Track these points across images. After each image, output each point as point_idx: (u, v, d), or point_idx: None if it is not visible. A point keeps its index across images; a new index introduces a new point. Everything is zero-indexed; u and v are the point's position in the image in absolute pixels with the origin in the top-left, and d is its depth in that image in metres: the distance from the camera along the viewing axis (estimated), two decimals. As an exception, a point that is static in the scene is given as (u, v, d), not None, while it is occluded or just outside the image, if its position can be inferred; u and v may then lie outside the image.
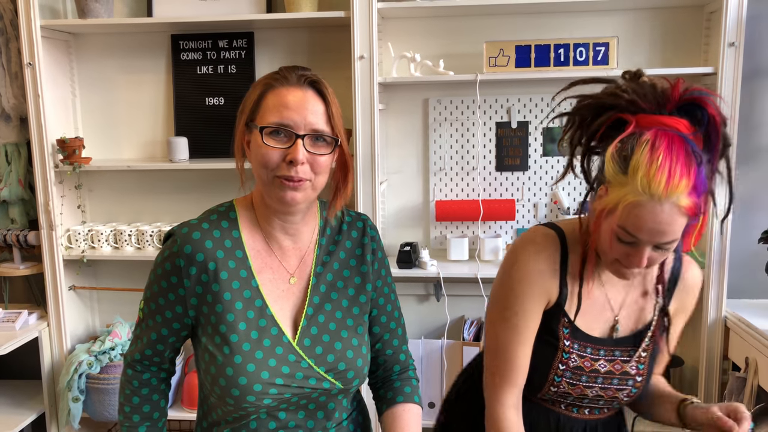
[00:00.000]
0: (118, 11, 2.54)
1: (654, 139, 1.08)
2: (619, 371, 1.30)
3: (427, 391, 2.46)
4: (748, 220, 2.41)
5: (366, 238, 1.25)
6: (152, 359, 1.20)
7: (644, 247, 1.12)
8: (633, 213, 1.08)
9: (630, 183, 1.08)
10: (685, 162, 1.06)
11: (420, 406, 1.30)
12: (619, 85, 1.16)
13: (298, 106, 1.09)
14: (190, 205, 2.63)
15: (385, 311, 1.28)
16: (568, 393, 1.30)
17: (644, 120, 1.12)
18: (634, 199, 1.08)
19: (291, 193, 1.10)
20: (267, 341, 1.12)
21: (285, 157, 1.08)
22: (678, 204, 1.07)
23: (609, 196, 1.12)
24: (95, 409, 2.45)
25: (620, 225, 1.11)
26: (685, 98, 1.12)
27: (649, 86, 1.14)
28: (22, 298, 2.77)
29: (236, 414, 1.13)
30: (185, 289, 1.12)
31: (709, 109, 1.11)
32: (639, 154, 1.07)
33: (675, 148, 1.07)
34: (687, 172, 1.06)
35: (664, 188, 1.05)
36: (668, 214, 1.07)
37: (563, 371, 1.28)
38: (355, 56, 2.23)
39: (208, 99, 2.55)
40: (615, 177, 1.10)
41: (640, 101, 1.12)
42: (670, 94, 1.12)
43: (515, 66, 2.25)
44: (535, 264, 1.25)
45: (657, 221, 1.08)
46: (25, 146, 2.55)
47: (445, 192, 2.54)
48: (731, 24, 2.11)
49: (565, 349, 1.27)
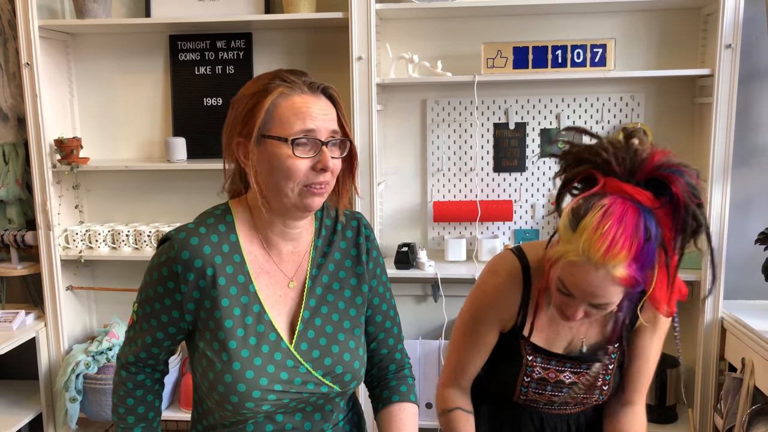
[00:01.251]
0: (116, 11, 2.54)
1: (609, 205, 1.10)
2: (586, 383, 1.36)
3: (424, 391, 2.46)
4: (744, 222, 2.41)
5: (361, 237, 1.25)
6: (146, 361, 1.19)
7: (579, 302, 1.18)
8: (570, 271, 1.14)
9: (574, 242, 1.11)
10: (631, 235, 1.08)
11: (416, 405, 1.30)
12: (602, 144, 1.19)
13: (319, 114, 1.09)
14: (188, 205, 2.63)
15: (380, 310, 1.28)
16: (537, 400, 1.39)
17: (611, 184, 1.14)
18: (574, 259, 1.12)
19: (318, 199, 1.11)
20: (265, 347, 1.12)
21: (314, 166, 1.08)
22: (613, 273, 1.09)
23: (557, 248, 1.16)
24: (92, 410, 2.45)
25: (560, 278, 1.17)
26: (656, 173, 1.13)
27: (632, 151, 1.16)
28: (19, 298, 2.77)
29: (233, 419, 1.13)
30: (182, 294, 1.11)
31: (674, 188, 1.11)
32: (590, 217, 1.10)
33: (626, 220, 1.09)
34: (629, 245, 1.08)
35: (602, 256, 1.08)
36: (601, 279, 1.11)
37: (528, 382, 1.37)
38: (353, 57, 2.23)
39: (206, 99, 2.55)
40: (565, 232, 1.14)
41: (613, 164, 1.15)
42: (646, 164, 1.14)
43: (513, 67, 2.25)
44: (494, 296, 1.35)
45: (590, 284, 1.12)
46: (23, 146, 2.55)
47: (442, 193, 2.54)
48: (728, 26, 2.11)
49: (528, 363, 1.35)
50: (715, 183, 2.18)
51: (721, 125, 2.15)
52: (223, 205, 1.20)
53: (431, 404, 2.47)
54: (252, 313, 1.12)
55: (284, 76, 1.11)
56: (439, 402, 1.45)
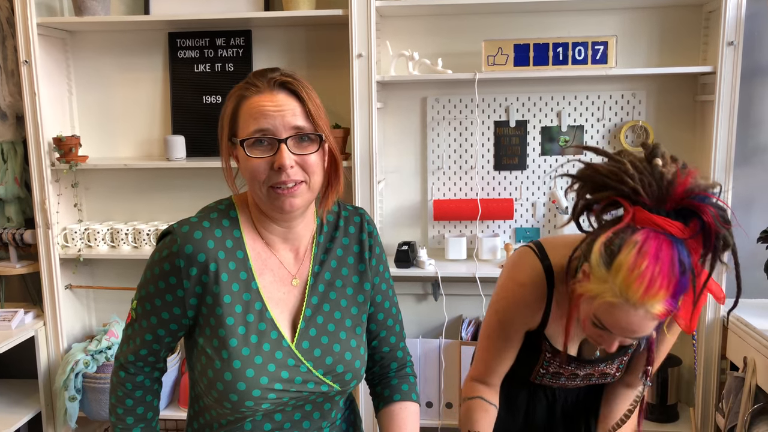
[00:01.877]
0: (115, 9, 2.52)
1: (643, 242, 1.07)
2: (599, 372, 1.40)
3: (425, 390, 2.45)
4: (746, 220, 2.40)
5: (364, 234, 1.23)
6: (147, 359, 1.17)
7: (615, 337, 1.17)
8: (608, 311, 1.12)
9: (610, 281, 1.09)
10: (668, 273, 1.06)
11: (417, 404, 1.29)
12: (626, 169, 1.14)
13: (274, 111, 1.06)
14: (187, 203, 2.62)
15: (382, 308, 1.26)
16: (550, 384, 1.44)
17: (641, 215, 1.11)
18: (611, 300, 1.10)
19: (289, 200, 1.07)
20: (266, 345, 1.10)
21: (272, 165, 1.06)
22: (651, 311, 1.09)
23: (589, 285, 1.14)
24: (92, 409, 2.44)
25: (596, 316, 1.15)
26: (685, 202, 1.11)
27: (658, 175, 1.13)
28: (18, 297, 2.76)
29: (231, 417, 1.12)
30: (184, 290, 1.09)
31: (705, 218, 1.10)
32: (625, 254, 1.07)
33: (661, 256, 1.06)
34: (667, 284, 1.06)
35: (641, 297, 1.07)
36: (641, 318, 1.10)
37: (544, 373, 1.40)
38: (353, 54, 2.22)
39: (205, 97, 2.54)
40: (598, 269, 1.11)
41: (642, 193, 1.12)
42: (674, 191, 1.11)
43: (514, 65, 2.24)
44: (521, 306, 1.33)
45: (629, 322, 1.11)
46: (22, 144, 2.54)
47: (443, 191, 2.53)
48: (730, 23, 2.10)
49: (546, 358, 1.37)
50: (717, 181, 2.17)
51: (723, 123, 2.14)
52: (227, 200, 1.18)
53: (432, 403, 2.46)
54: (254, 310, 1.11)
55: (251, 78, 1.10)
56: (463, 391, 1.46)
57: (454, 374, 2.42)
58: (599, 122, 2.42)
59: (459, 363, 2.39)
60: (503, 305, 1.35)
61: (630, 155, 1.18)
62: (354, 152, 2.28)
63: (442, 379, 2.43)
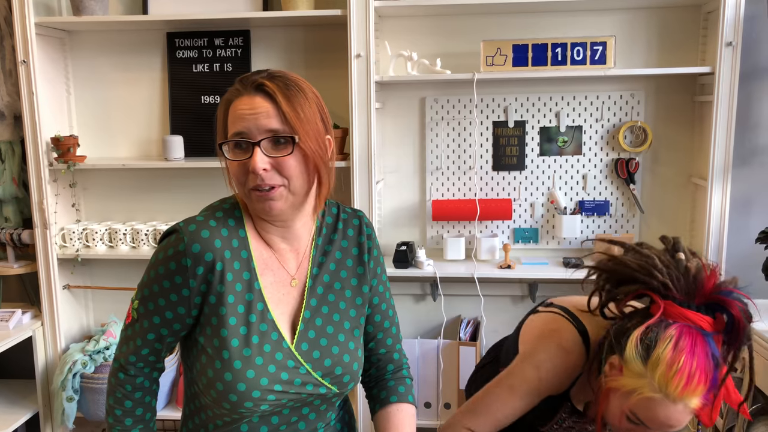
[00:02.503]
0: (113, 8, 2.52)
1: (678, 337, 1.10)
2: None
3: (423, 391, 2.45)
4: (745, 221, 2.40)
5: (362, 236, 1.23)
6: (147, 359, 1.16)
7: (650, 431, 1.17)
8: (646, 406, 1.12)
9: (648, 376, 1.11)
10: (705, 368, 1.09)
11: (414, 406, 1.29)
12: (655, 263, 1.17)
13: (249, 114, 1.05)
14: (186, 203, 2.62)
15: (379, 310, 1.26)
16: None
17: (671, 309, 1.14)
18: (650, 395, 1.11)
19: (269, 203, 1.07)
20: (267, 346, 1.10)
21: (247, 168, 1.06)
22: (690, 405, 1.10)
23: (624, 380, 1.14)
24: (89, 409, 2.44)
25: (632, 411, 1.15)
26: (713, 296, 1.14)
27: (683, 269, 1.16)
28: (15, 297, 2.75)
29: (228, 418, 1.11)
30: (190, 289, 1.08)
31: (735, 313, 1.13)
32: (661, 349, 1.10)
33: (697, 351, 1.09)
34: (705, 378, 1.09)
35: (681, 392, 1.08)
36: (680, 413, 1.11)
37: (557, 429, 1.39)
38: (352, 55, 2.22)
39: (203, 97, 2.54)
40: (634, 363, 1.13)
41: (672, 287, 1.15)
42: (702, 286, 1.14)
43: (512, 65, 2.24)
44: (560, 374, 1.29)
45: (668, 417, 1.12)
46: (19, 144, 2.54)
47: (441, 191, 2.53)
48: (729, 24, 2.10)
49: (561, 417, 1.36)
50: (715, 182, 2.17)
51: (721, 123, 2.14)
52: (231, 199, 1.18)
53: (430, 404, 2.46)
54: (255, 311, 1.11)
55: (237, 82, 1.10)
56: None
57: (453, 375, 2.41)
58: (598, 122, 2.42)
59: (457, 363, 2.39)
60: (547, 367, 1.29)
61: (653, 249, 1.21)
62: (353, 152, 2.27)
63: (441, 380, 2.43)
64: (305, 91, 1.09)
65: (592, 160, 2.45)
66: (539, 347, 1.32)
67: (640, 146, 2.39)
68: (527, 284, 2.51)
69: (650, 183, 2.44)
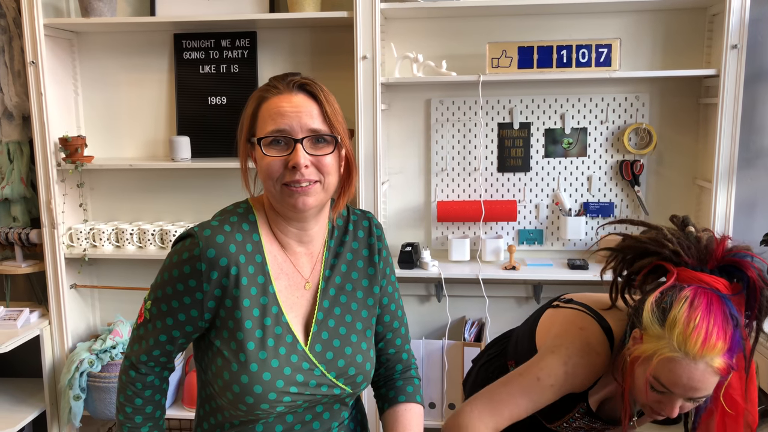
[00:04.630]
0: (121, 10, 2.54)
1: (693, 296, 1.10)
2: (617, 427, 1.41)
3: (428, 391, 2.46)
4: (749, 223, 2.40)
5: (372, 238, 1.25)
6: (159, 359, 1.17)
7: (676, 399, 1.15)
8: (667, 367, 1.12)
9: (666, 337, 1.11)
10: (722, 324, 1.09)
11: (422, 406, 1.30)
12: (665, 234, 1.20)
13: (291, 112, 1.08)
14: (192, 204, 2.64)
15: (389, 310, 1.28)
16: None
17: (685, 274, 1.15)
18: (670, 355, 1.11)
19: (302, 199, 1.09)
20: (282, 349, 1.11)
21: (287, 164, 1.08)
22: (712, 364, 1.09)
23: (644, 345, 1.14)
24: (96, 408, 2.45)
25: (654, 376, 1.14)
26: (727, 259, 1.15)
27: (694, 239, 1.18)
28: (23, 296, 2.77)
29: (244, 418, 1.13)
30: (203, 293, 1.09)
31: (749, 273, 1.14)
32: (677, 309, 1.10)
33: (713, 309, 1.09)
34: (723, 335, 1.09)
35: (700, 348, 1.08)
36: (702, 372, 1.10)
37: (566, 428, 1.38)
38: (358, 56, 2.23)
39: (210, 98, 2.55)
40: (652, 327, 1.13)
41: (683, 254, 1.16)
42: (713, 251, 1.16)
43: (518, 67, 2.25)
44: (584, 374, 1.28)
45: (691, 378, 1.10)
46: (28, 144, 2.56)
47: (446, 193, 2.54)
48: (734, 26, 2.11)
49: (572, 416, 1.36)
50: (720, 184, 2.17)
51: (726, 126, 2.15)
52: (244, 203, 1.20)
53: (435, 404, 2.47)
54: (270, 314, 1.12)
55: (272, 81, 1.13)
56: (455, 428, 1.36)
57: (457, 375, 2.42)
58: (603, 125, 2.42)
59: (462, 364, 2.39)
60: (575, 363, 1.27)
61: (663, 226, 1.22)
62: (358, 154, 2.29)
63: (445, 380, 2.44)
64: (332, 97, 1.14)
65: (597, 161, 2.45)
66: (567, 343, 1.30)
67: (645, 148, 2.39)
68: (532, 285, 2.51)
69: (655, 185, 2.44)
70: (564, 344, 1.30)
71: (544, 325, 1.41)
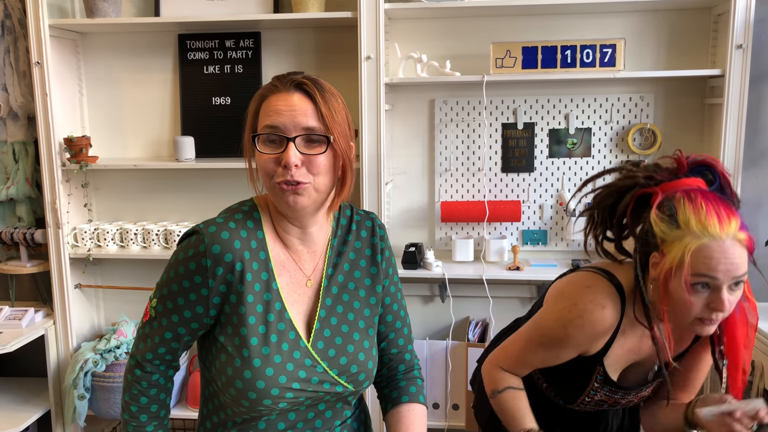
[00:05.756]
0: (126, 11, 2.55)
1: (687, 195, 1.17)
2: (638, 397, 1.42)
3: (431, 392, 2.46)
4: (754, 223, 2.40)
5: (375, 238, 1.25)
6: (164, 357, 1.18)
7: (722, 286, 1.16)
8: (702, 256, 1.14)
9: (687, 233, 1.15)
10: (725, 205, 1.16)
11: (425, 406, 1.30)
12: (629, 168, 1.27)
13: (286, 110, 1.09)
14: (196, 204, 2.64)
15: (391, 310, 1.28)
16: (589, 409, 1.44)
17: (666, 187, 1.21)
18: (699, 243, 1.14)
19: (293, 197, 1.09)
20: (285, 345, 1.12)
21: (280, 162, 1.08)
22: (737, 238, 1.14)
23: (670, 255, 1.16)
24: (100, 407, 2.46)
25: (694, 273, 1.15)
26: (693, 162, 1.24)
27: (654, 164, 1.26)
28: (28, 296, 2.78)
29: (247, 415, 1.13)
30: (209, 289, 1.10)
31: (718, 167, 1.23)
32: (683, 207, 1.16)
33: (710, 197, 1.16)
34: (732, 212, 1.15)
35: (720, 228, 1.13)
36: (732, 247, 1.14)
37: (588, 402, 1.39)
38: (362, 57, 2.23)
39: (214, 99, 2.56)
40: (669, 234, 1.17)
41: (655, 175, 1.23)
42: (678, 161, 1.24)
43: (522, 67, 2.25)
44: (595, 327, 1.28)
45: (726, 254, 1.14)
46: (33, 145, 2.56)
47: (450, 193, 2.54)
48: (739, 26, 2.10)
49: (594, 388, 1.37)
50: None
51: (731, 126, 2.14)
52: (249, 201, 1.21)
53: (438, 404, 2.47)
54: (274, 310, 1.13)
55: (273, 80, 1.14)
56: (488, 382, 1.44)
57: (461, 376, 2.42)
58: (607, 125, 2.42)
59: (466, 365, 2.39)
60: (573, 321, 1.28)
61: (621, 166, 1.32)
62: (362, 154, 2.29)
63: (449, 381, 2.44)
64: (336, 96, 1.14)
65: (602, 162, 2.45)
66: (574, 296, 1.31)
67: (650, 148, 2.39)
68: (536, 286, 2.51)
69: (659, 185, 2.43)
70: (570, 297, 1.31)
71: (551, 293, 1.41)
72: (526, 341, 1.38)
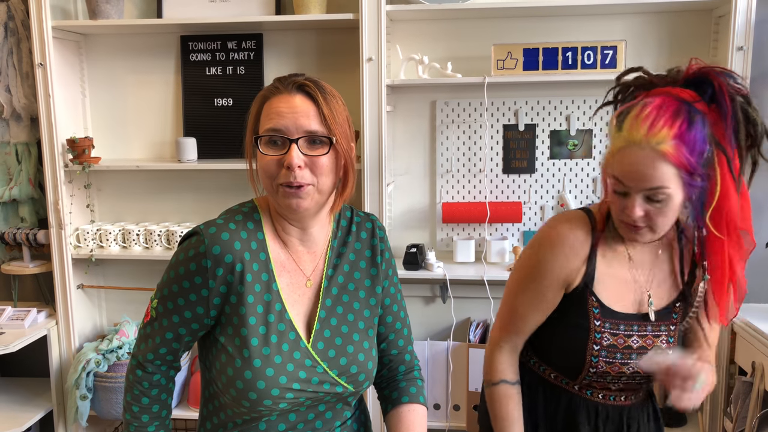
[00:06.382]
0: (128, 12, 2.56)
1: (649, 98, 1.17)
2: (651, 346, 1.35)
3: (432, 392, 2.46)
4: (756, 225, 2.39)
5: (375, 239, 1.26)
6: (165, 358, 1.19)
7: (634, 195, 1.18)
8: (618, 159, 1.17)
9: (619, 136, 1.17)
10: (672, 115, 1.13)
11: (425, 407, 1.30)
12: (643, 73, 1.28)
13: (288, 112, 1.09)
14: (198, 205, 2.65)
15: (391, 311, 1.28)
16: (607, 372, 1.35)
17: (656, 91, 1.21)
18: (619, 145, 1.16)
19: (296, 201, 1.10)
20: (285, 345, 1.12)
21: (283, 164, 1.09)
22: (658, 149, 1.12)
23: (607, 155, 1.21)
24: (102, 407, 2.47)
25: (612, 175, 1.19)
26: (693, 73, 1.20)
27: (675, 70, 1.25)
28: (31, 296, 2.79)
29: (248, 416, 1.13)
30: (209, 289, 1.11)
31: (714, 80, 1.17)
32: (631, 111, 1.17)
33: (666, 105, 1.14)
34: (671, 123, 1.12)
35: (645, 134, 1.12)
36: (648, 157, 1.13)
37: (598, 351, 1.33)
38: (364, 58, 2.24)
39: (216, 100, 2.56)
40: (613, 135, 1.20)
41: (656, 80, 1.24)
42: (685, 72, 1.22)
43: (523, 69, 2.25)
44: (561, 244, 1.31)
45: (637, 162, 1.14)
46: (36, 146, 2.57)
47: (451, 194, 2.54)
48: (740, 28, 2.10)
49: (596, 329, 1.33)
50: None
51: (732, 127, 2.14)
52: (249, 203, 1.21)
53: (439, 405, 2.47)
54: (274, 311, 1.13)
55: (275, 81, 1.14)
56: (486, 368, 1.43)
57: (462, 377, 2.42)
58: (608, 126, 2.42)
59: (467, 365, 2.40)
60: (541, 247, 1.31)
61: None
62: (363, 155, 2.29)
63: (450, 382, 2.44)
64: (337, 98, 1.15)
65: (603, 163, 2.45)
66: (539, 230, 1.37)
67: (651, 150, 2.39)
68: (537, 287, 2.51)
69: (660, 187, 2.43)
70: (538, 231, 1.37)
71: None
72: (510, 289, 1.39)
